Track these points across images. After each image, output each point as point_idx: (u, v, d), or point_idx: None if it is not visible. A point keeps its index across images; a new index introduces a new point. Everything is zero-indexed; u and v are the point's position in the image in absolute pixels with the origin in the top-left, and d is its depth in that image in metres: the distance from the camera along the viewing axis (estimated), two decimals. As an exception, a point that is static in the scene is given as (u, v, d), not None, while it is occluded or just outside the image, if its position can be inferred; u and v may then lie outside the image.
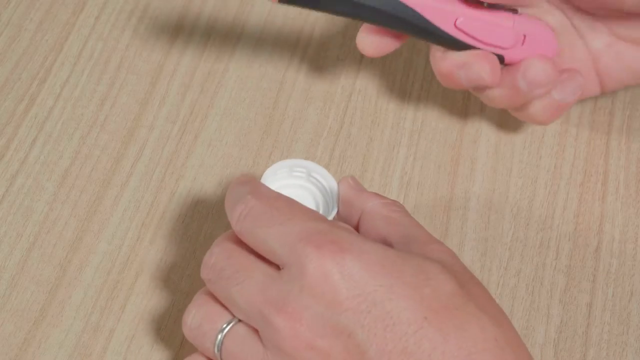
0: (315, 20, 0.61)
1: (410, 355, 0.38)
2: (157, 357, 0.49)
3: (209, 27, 0.61)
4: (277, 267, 0.41)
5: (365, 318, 0.38)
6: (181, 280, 0.51)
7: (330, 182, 0.46)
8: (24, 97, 0.58)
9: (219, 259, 0.43)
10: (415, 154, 0.56)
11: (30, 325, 0.49)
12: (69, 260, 0.52)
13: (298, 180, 0.47)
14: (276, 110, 0.58)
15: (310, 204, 0.46)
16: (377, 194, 0.46)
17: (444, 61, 0.50)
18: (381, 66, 0.59)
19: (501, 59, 0.51)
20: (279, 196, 0.43)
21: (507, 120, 0.57)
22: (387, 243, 0.43)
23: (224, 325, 0.42)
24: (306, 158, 0.55)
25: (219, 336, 0.42)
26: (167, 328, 0.50)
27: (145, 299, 0.50)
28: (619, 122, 0.57)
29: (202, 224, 0.53)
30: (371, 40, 0.50)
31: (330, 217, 0.45)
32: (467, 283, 0.41)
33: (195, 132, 0.57)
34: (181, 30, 0.61)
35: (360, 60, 0.60)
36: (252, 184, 0.43)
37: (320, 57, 0.60)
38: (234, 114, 0.57)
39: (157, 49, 0.60)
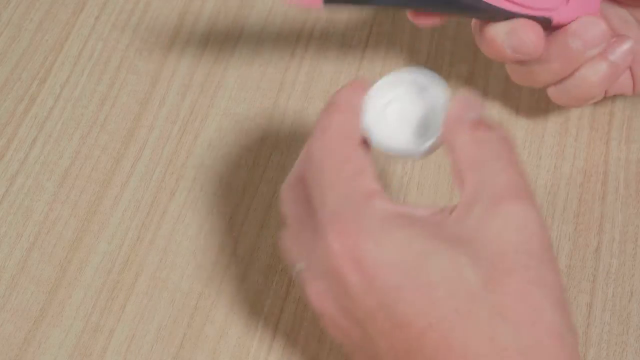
0: (315, 20, 0.61)
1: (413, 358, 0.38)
2: (157, 357, 0.49)
3: (209, 27, 0.61)
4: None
5: (377, 316, 0.39)
6: (181, 280, 0.51)
7: (442, 99, 0.43)
8: (24, 97, 0.58)
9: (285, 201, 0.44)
10: (415, 154, 0.56)
11: (30, 325, 0.49)
12: (69, 260, 0.52)
13: (408, 96, 0.44)
14: (276, 110, 0.57)
15: (411, 125, 0.44)
16: (475, 124, 0.41)
17: (490, 29, 0.49)
18: (381, 66, 0.59)
19: (548, 22, 0.50)
20: (347, 157, 0.42)
21: (507, 121, 0.57)
22: (461, 192, 0.41)
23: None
24: (306, 158, 0.55)
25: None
26: (167, 328, 0.50)
27: (145, 299, 0.50)
28: (619, 122, 0.57)
29: (202, 224, 0.53)
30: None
31: (430, 142, 0.42)
32: (510, 273, 0.37)
33: (195, 132, 0.57)
34: (181, 30, 0.61)
35: (361, 60, 0.60)
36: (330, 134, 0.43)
37: (320, 56, 0.60)
38: (234, 114, 0.57)
39: (157, 49, 0.60)
